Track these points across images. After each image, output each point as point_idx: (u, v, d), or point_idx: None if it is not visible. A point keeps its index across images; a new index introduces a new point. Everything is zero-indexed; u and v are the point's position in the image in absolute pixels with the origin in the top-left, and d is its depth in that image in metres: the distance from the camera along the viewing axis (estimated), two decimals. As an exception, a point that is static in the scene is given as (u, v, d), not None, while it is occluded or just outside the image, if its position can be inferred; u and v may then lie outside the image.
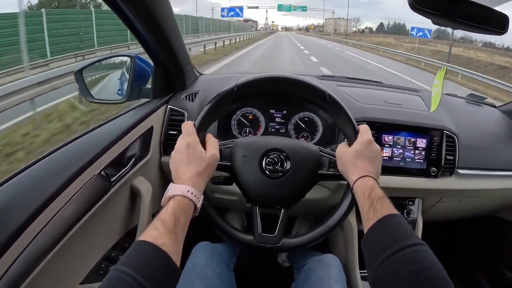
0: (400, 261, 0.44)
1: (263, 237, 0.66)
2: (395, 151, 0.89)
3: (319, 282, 0.71)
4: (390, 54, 16.91)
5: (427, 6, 0.64)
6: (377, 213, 0.51)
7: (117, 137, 0.73)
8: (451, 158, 0.90)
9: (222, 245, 0.83)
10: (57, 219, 0.58)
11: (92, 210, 0.66)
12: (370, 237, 0.51)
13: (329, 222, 0.66)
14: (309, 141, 0.96)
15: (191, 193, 0.53)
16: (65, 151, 0.69)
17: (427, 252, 0.45)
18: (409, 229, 0.49)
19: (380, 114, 0.91)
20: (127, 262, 0.42)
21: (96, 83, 0.99)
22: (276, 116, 0.97)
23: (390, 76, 9.26)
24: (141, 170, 0.82)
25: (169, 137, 0.89)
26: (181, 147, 0.58)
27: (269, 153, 0.66)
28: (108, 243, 0.77)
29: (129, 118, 0.81)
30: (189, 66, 0.97)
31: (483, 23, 0.67)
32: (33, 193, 0.56)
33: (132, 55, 0.87)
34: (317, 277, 0.73)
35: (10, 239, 0.49)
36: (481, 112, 1.12)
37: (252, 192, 0.66)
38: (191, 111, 0.91)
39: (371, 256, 0.48)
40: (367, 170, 0.59)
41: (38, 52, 7.68)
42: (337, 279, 0.72)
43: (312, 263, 0.78)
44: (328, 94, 0.63)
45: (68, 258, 0.62)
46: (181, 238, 0.49)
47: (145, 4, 0.66)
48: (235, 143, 0.67)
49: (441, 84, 0.84)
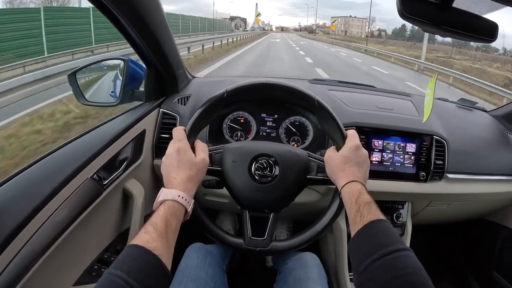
0: (383, 266, 0.45)
1: (253, 241, 0.68)
2: (385, 155, 0.90)
3: (298, 283, 0.72)
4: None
5: (416, 14, 0.64)
6: (364, 218, 0.52)
7: (109, 141, 0.74)
8: (440, 162, 0.92)
9: (215, 246, 0.84)
10: (50, 223, 0.59)
11: (85, 213, 0.67)
12: (356, 242, 0.52)
13: (317, 226, 0.68)
14: (300, 145, 0.97)
15: (181, 197, 0.54)
16: (58, 155, 0.70)
17: (411, 257, 0.46)
18: (395, 234, 0.50)
19: (370, 119, 0.92)
20: (120, 266, 0.43)
21: (90, 86, 0.99)
22: (267, 120, 0.98)
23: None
24: (133, 173, 0.83)
25: (161, 140, 0.90)
26: (172, 152, 0.59)
27: (258, 158, 0.67)
28: (100, 245, 0.78)
29: (121, 121, 0.82)
30: (181, 70, 0.97)
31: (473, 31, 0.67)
32: (26, 197, 0.57)
33: (125, 58, 0.88)
34: (296, 278, 0.73)
35: (4, 242, 0.50)
36: (471, 117, 1.13)
37: (242, 196, 0.67)
38: (183, 115, 0.91)
39: (357, 261, 0.49)
40: (354, 175, 0.60)
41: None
42: (316, 279, 0.73)
43: (291, 263, 0.78)
44: (317, 100, 0.64)
45: (61, 260, 0.63)
46: (172, 242, 0.50)
47: (136, 8, 0.67)
48: (225, 148, 0.68)
49: (433, 93, 0.85)
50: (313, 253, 0.81)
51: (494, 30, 0.67)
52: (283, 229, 1.20)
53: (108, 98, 0.96)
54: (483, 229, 1.22)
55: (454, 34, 0.68)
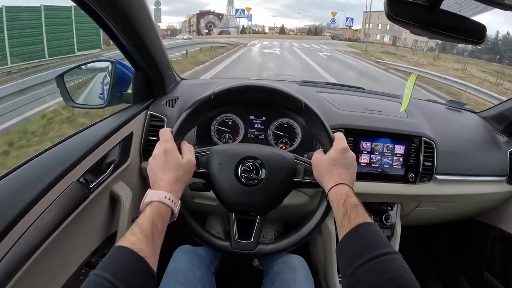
0: (371, 270, 0.45)
1: (239, 244, 0.67)
2: (373, 157, 0.91)
3: (286, 286, 0.72)
4: None
5: (404, 16, 0.65)
6: (351, 221, 0.52)
7: (96, 143, 0.73)
8: (429, 164, 0.92)
9: (203, 248, 0.84)
10: (36, 226, 0.58)
11: (71, 216, 0.67)
12: (344, 245, 0.52)
13: (304, 229, 0.67)
14: (288, 147, 0.97)
15: (168, 198, 0.54)
16: (44, 158, 0.69)
17: (398, 261, 0.46)
18: (383, 237, 0.51)
19: (358, 121, 0.92)
20: (106, 267, 0.43)
21: (79, 88, 0.98)
22: (255, 122, 0.97)
23: None
24: (121, 176, 0.82)
25: (149, 142, 0.90)
26: (158, 153, 0.59)
27: (245, 161, 0.66)
28: (88, 249, 0.77)
29: (109, 123, 0.81)
30: (169, 72, 0.97)
31: (461, 33, 0.67)
32: (11, 201, 0.57)
33: (113, 60, 0.87)
34: (283, 281, 0.73)
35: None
36: (460, 118, 1.13)
37: (228, 199, 0.67)
38: (171, 117, 0.91)
39: (345, 264, 0.49)
40: (342, 178, 0.60)
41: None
42: (304, 283, 0.73)
43: (278, 265, 0.78)
44: (304, 102, 0.64)
45: (48, 265, 0.62)
46: (158, 243, 0.50)
47: (121, 9, 0.66)
48: (211, 151, 0.68)
49: (412, 86, 0.87)
50: (300, 256, 0.81)
51: (482, 32, 0.68)
52: (271, 230, 1.19)
53: (97, 100, 0.95)
54: (473, 229, 1.22)
55: (442, 36, 0.68)
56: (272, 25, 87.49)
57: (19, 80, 4.15)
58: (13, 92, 3.40)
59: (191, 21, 49.06)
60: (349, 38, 44.33)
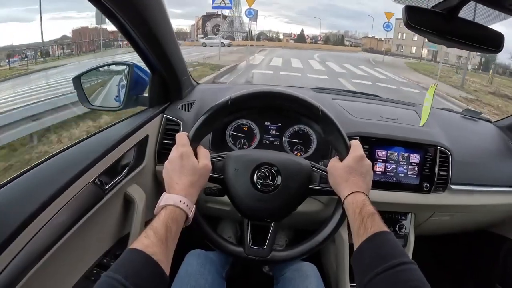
0: (388, 279, 0.45)
1: (253, 250, 0.67)
2: (388, 166, 0.90)
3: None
4: None
5: (422, 24, 0.64)
6: (368, 230, 0.52)
7: (112, 145, 0.74)
8: (444, 174, 0.91)
9: (215, 253, 0.84)
10: (50, 226, 0.58)
11: (85, 217, 0.67)
12: (360, 254, 0.51)
13: (318, 237, 0.67)
14: (303, 154, 0.96)
15: (183, 203, 0.54)
16: (60, 158, 0.70)
17: (415, 271, 0.46)
18: (399, 247, 0.50)
19: (374, 129, 0.91)
20: (118, 269, 0.43)
21: (94, 90, 0.99)
22: (270, 128, 0.97)
23: None
24: (135, 178, 0.83)
25: (164, 146, 0.90)
26: (174, 157, 0.59)
27: (261, 167, 0.66)
28: (100, 250, 0.78)
29: (125, 126, 0.82)
30: (186, 76, 0.97)
31: (478, 41, 0.67)
32: (25, 201, 0.57)
33: (130, 63, 0.88)
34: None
35: (3, 244, 0.50)
36: (476, 128, 1.12)
37: (243, 205, 0.67)
38: (187, 121, 0.91)
39: (361, 273, 0.49)
40: (358, 186, 0.60)
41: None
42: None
43: (290, 272, 0.77)
44: (321, 109, 0.64)
45: (60, 264, 0.63)
46: (171, 247, 0.50)
47: (140, 12, 0.67)
48: (227, 156, 0.68)
49: (431, 99, 0.86)
50: (312, 264, 0.80)
51: (500, 40, 0.67)
52: (282, 236, 1.19)
53: (113, 102, 0.96)
54: (487, 240, 1.20)
55: (459, 44, 0.68)
56: (287, 31, 65.41)
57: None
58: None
59: (198, 24, 43.99)
60: (385, 51, 30.31)
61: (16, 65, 10.01)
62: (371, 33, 55.59)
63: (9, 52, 10.49)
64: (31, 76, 8.46)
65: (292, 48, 29.55)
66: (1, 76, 7.94)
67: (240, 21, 37.10)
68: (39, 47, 13.49)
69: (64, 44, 15.23)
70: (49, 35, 18.83)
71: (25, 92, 6.60)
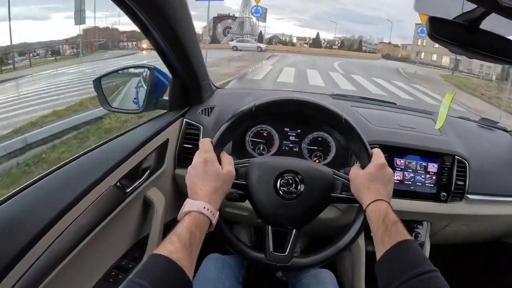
0: (416, 287, 0.45)
1: (274, 256, 0.67)
2: (406, 174, 0.90)
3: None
4: None
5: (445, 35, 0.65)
6: (392, 238, 0.52)
7: (134, 149, 0.75)
8: (461, 183, 0.91)
9: (232, 257, 0.84)
10: (72, 228, 0.59)
11: (106, 220, 0.68)
12: (385, 262, 0.52)
13: (340, 243, 0.67)
14: (321, 161, 0.96)
15: (207, 209, 0.54)
16: (83, 161, 0.70)
17: (440, 279, 0.47)
18: (423, 255, 0.51)
19: (393, 138, 0.91)
20: (144, 275, 0.43)
21: (112, 92, 1.00)
22: (290, 134, 0.97)
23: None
24: (154, 182, 0.83)
25: (184, 150, 0.91)
26: (198, 163, 0.59)
27: (284, 175, 0.67)
28: (118, 252, 0.78)
29: (145, 129, 0.83)
30: (206, 80, 0.98)
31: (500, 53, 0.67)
32: (50, 202, 0.58)
33: (151, 66, 0.89)
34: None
35: (27, 245, 0.51)
36: (492, 137, 1.11)
37: (265, 211, 0.67)
38: (207, 126, 0.92)
39: (386, 281, 0.49)
40: (380, 194, 0.60)
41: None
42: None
43: (307, 279, 0.77)
44: (344, 118, 0.64)
45: (80, 267, 0.63)
46: (195, 253, 0.50)
47: (165, 15, 0.67)
48: (251, 163, 0.68)
49: (448, 104, 0.87)
50: (330, 271, 0.80)
51: (522, 53, 0.67)
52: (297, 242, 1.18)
53: (131, 104, 0.97)
54: (503, 250, 1.19)
55: (482, 56, 0.68)
56: (301, 35, 61.21)
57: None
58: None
59: (209, 25, 45.27)
60: (404, 58, 30.61)
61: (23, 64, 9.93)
62: (387, 38, 52.64)
63: (21, 51, 10.33)
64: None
65: (306, 54, 26.72)
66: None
67: (251, 23, 33.62)
68: (51, 46, 13.31)
69: (74, 44, 14.76)
70: (64, 34, 18.47)
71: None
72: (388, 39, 52.21)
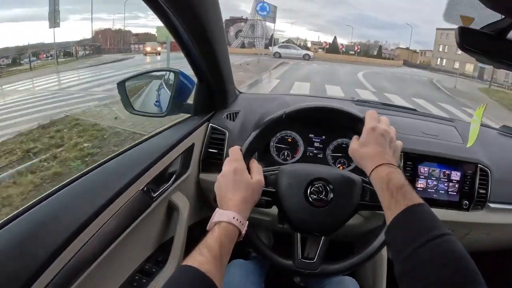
0: (430, 252, 0.44)
1: (303, 263, 0.67)
2: (430, 182, 0.90)
3: None
4: None
5: (474, 45, 0.65)
6: (399, 203, 0.50)
7: (161, 154, 0.75)
8: (483, 191, 0.91)
9: (254, 262, 0.84)
10: (101, 232, 0.59)
11: (133, 224, 0.68)
12: (395, 228, 0.50)
13: (368, 250, 0.67)
14: (345, 167, 0.96)
15: (236, 219, 0.54)
16: (112, 165, 0.71)
17: (455, 242, 0.45)
18: (435, 218, 0.49)
19: (417, 146, 0.91)
20: (173, 287, 0.44)
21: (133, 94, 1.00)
22: (314, 140, 0.97)
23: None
24: (179, 186, 0.83)
25: (209, 154, 0.91)
26: (228, 172, 0.59)
27: (314, 182, 0.67)
28: (142, 256, 0.78)
29: (171, 134, 0.83)
30: (232, 85, 0.98)
31: (528, 64, 0.68)
32: (80, 206, 0.58)
33: (177, 70, 0.89)
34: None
35: (60, 247, 0.51)
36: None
37: (294, 218, 0.67)
38: (232, 131, 0.92)
39: (398, 248, 0.47)
40: (379, 158, 0.58)
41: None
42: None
43: (330, 286, 0.77)
44: None
45: (106, 270, 0.63)
46: (224, 264, 0.50)
47: (198, 18, 0.67)
48: (281, 170, 0.69)
49: (479, 120, 0.86)
50: (353, 279, 0.80)
51: (549, 64, 0.68)
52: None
53: (153, 108, 0.97)
54: None
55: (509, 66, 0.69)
56: (315, 39, 53.79)
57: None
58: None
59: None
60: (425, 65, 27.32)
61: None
62: (403, 44, 49.24)
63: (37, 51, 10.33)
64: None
65: (323, 60, 22.64)
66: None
67: (263, 25, 30.55)
68: (63, 47, 13.26)
69: (87, 45, 14.63)
70: (79, 35, 18.60)
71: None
72: (405, 45, 47.53)
